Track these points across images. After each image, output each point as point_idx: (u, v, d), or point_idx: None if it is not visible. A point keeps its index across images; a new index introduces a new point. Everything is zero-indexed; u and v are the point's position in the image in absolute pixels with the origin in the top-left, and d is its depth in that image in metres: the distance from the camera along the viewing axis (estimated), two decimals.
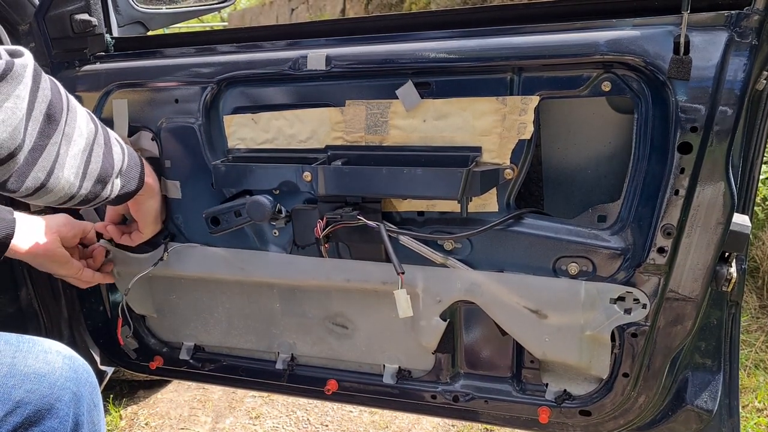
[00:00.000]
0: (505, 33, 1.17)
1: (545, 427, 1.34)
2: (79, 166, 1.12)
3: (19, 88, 0.96)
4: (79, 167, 1.13)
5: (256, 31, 1.41)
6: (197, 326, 1.63)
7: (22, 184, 1.03)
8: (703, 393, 1.25)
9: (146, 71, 1.43)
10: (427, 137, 1.25)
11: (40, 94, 1.02)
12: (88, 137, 1.15)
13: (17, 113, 0.96)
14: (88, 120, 1.16)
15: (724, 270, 1.13)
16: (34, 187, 1.05)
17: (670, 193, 1.09)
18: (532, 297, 1.25)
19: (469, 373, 1.41)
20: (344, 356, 1.51)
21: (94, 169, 1.16)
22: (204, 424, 2.45)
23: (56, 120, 1.06)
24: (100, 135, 1.19)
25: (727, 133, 1.04)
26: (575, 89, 1.15)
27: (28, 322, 1.72)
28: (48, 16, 1.46)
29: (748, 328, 2.83)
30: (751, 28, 1.02)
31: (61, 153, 1.08)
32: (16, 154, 0.98)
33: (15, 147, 0.97)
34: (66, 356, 1.15)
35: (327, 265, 1.38)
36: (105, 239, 1.54)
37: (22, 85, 0.97)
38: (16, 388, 1.06)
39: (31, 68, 1.00)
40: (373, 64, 1.24)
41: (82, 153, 1.13)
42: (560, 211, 1.33)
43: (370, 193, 1.26)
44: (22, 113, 0.97)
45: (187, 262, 1.50)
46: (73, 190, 1.13)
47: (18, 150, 0.98)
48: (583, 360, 1.27)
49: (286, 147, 1.35)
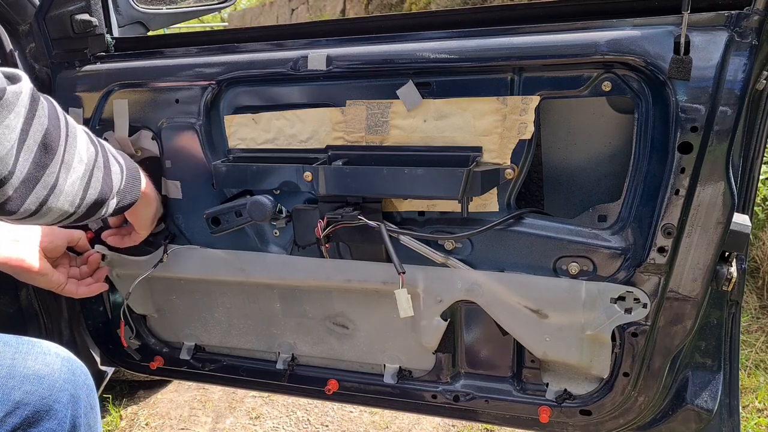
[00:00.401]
0: (506, 33, 1.17)
1: (546, 426, 1.34)
2: (76, 193, 1.09)
3: (9, 117, 0.92)
4: (77, 194, 1.09)
5: (257, 31, 1.41)
6: (197, 326, 1.63)
7: (15, 212, 0.99)
8: (703, 393, 1.26)
9: (147, 71, 1.43)
10: (428, 137, 1.25)
11: (35, 123, 0.98)
12: (88, 162, 1.10)
13: (5, 144, 0.92)
14: (87, 144, 1.12)
15: (725, 270, 1.13)
16: (26, 214, 1.01)
17: (670, 192, 1.10)
18: (532, 297, 1.26)
19: (469, 373, 1.42)
20: (345, 356, 1.51)
21: (93, 193, 1.13)
22: (204, 424, 2.45)
23: (53, 149, 1.01)
24: (100, 157, 1.15)
25: (727, 132, 1.04)
26: (576, 89, 1.15)
27: (29, 323, 1.72)
28: (48, 16, 1.46)
29: (749, 329, 2.83)
30: (751, 28, 1.02)
31: (60, 182, 1.04)
32: (3, 184, 0.94)
33: (1, 178, 0.93)
34: (64, 358, 1.15)
35: (327, 265, 1.38)
36: (101, 244, 1.53)
37: (13, 114, 0.93)
38: (15, 390, 1.06)
39: (27, 96, 0.96)
40: (373, 64, 1.25)
41: (81, 179, 1.09)
42: (561, 211, 1.34)
43: (370, 193, 1.26)
44: (11, 143, 0.93)
45: (186, 264, 1.50)
46: (68, 214, 1.09)
47: (5, 181, 0.94)
48: (583, 359, 1.27)
49: (286, 147, 1.35)
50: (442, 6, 6.91)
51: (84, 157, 1.09)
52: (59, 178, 1.04)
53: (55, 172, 1.03)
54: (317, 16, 11.14)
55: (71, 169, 1.06)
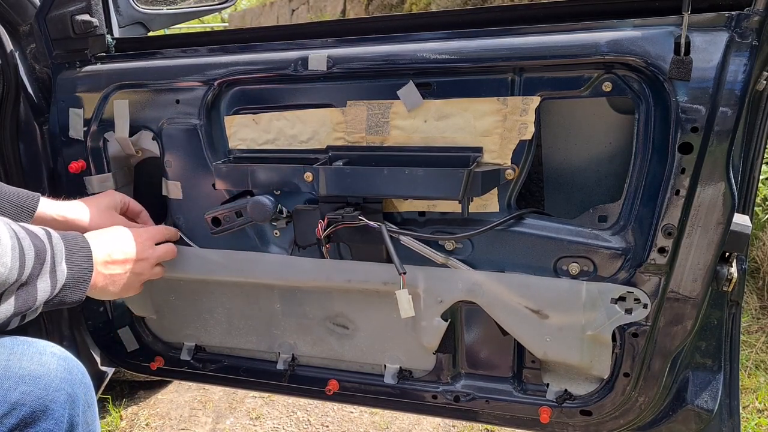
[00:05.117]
0: (506, 34, 1.17)
1: (546, 426, 1.34)
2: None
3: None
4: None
5: (257, 31, 1.41)
6: (198, 327, 1.63)
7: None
8: (703, 393, 1.26)
9: (147, 72, 1.43)
10: (428, 138, 1.25)
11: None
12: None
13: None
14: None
15: (725, 270, 1.13)
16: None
17: (670, 193, 1.10)
18: (533, 297, 1.26)
19: (470, 373, 1.42)
20: (345, 356, 1.51)
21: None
22: (204, 424, 2.44)
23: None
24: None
25: (727, 133, 1.04)
26: (576, 90, 1.15)
27: (29, 323, 1.71)
28: (49, 16, 1.46)
29: (749, 329, 2.83)
30: (752, 29, 1.02)
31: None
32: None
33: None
34: (60, 357, 1.14)
35: (328, 266, 1.38)
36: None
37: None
38: (11, 390, 1.06)
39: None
40: (374, 64, 1.25)
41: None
42: (561, 211, 1.34)
43: (371, 193, 1.26)
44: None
45: (186, 265, 1.50)
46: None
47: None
48: (584, 360, 1.27)
49: (287, 147, 1.35)
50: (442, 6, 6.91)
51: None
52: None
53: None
54: (318, 16, 11.14)
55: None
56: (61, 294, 1.14)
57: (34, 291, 1.08)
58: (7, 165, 1.61)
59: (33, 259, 1.06)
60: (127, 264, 1.30)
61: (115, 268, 1.28)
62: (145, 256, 1.34)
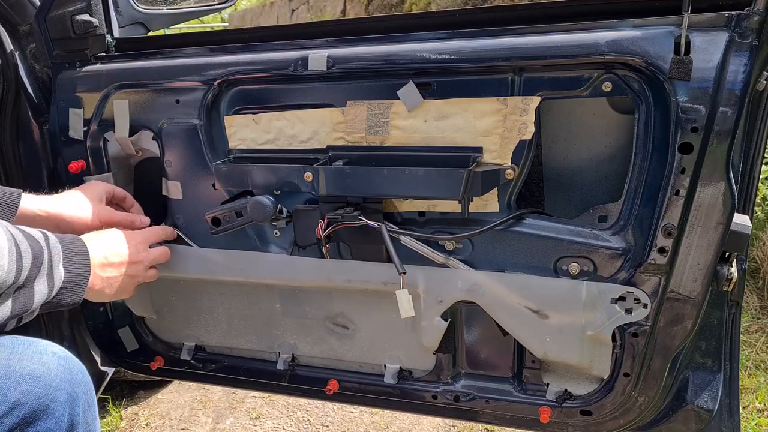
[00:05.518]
0: (506, 34, 1.17)
1: (546, 426, 1.34)
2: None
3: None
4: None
5: (257, 31, 1.42)
6: (198, 327, 1.63)
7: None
8: (703, 393, 1.26)
9: (147, 72, 1.43)
10: (428, 138, 1.25)
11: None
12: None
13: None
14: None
15: (725, 270, 1.13)
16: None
17: (670, 193, 1.10)
18: (533, 297, 1.26)
19: (470, 373, 1.42)
20: (345, 356, 1.51)
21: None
22: (204, 424, 2.44)
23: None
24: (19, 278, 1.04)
25: (727, 133, 1.04)
26: (576, 90, 1.15)
27: (29, 323, 1.71)
28: (49, 16, 1.46)
29: (749, 329, 2.83)
30: (752, 29, 1.02)
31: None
32: None
33: None
34: (61, 356, 1.14)
35: (328, 266, 1.38)
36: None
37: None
38: (11, 390, 1.06)
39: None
40: (374, 64, 1.25)
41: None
42: (561, 211, 1.34)
43: (371, 193, 1.26)
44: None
45: (186, 265, 1.50)
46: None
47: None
48: (584, 360, 1.27)
49: (287, 147, 1.35)
50: (442, 6, 6.92)
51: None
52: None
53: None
54: (318, 16, 11.14)
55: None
56: (58, 296, 1.14)
57: (31, 294, 1.07)
58: (7, 165, 1.61)
59: (30, 261, 1.06)
60: (122, 267, 1.29)
61: (112, 270, 1.27)
62: (140, 259, 1.34)
